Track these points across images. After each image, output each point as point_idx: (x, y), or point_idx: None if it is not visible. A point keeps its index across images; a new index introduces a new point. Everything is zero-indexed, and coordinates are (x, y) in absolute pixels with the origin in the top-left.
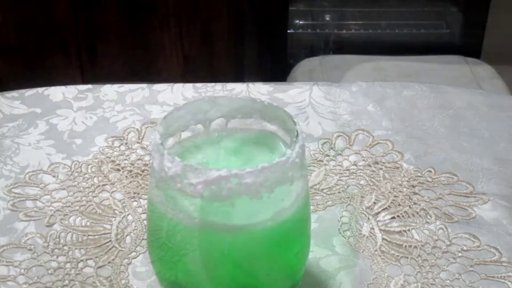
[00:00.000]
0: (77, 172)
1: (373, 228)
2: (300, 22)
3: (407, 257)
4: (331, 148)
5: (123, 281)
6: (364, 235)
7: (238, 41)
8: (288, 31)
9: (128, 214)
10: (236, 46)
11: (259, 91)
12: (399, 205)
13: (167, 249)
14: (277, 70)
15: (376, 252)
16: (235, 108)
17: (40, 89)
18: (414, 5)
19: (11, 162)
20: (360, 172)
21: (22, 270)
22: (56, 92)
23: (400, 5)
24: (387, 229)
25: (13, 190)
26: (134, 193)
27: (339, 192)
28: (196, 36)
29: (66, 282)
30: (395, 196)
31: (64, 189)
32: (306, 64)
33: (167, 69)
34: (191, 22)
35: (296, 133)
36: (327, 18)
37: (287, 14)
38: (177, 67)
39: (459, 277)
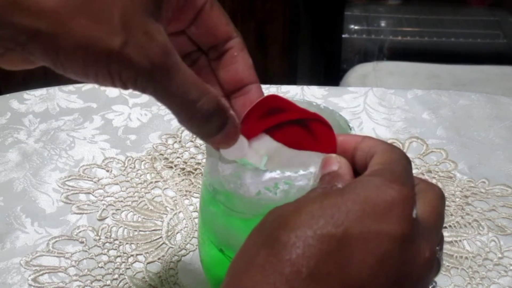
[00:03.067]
0: (130, 167)
1: None
2: (355, 27)
3: (458, 268)
4: None
5: (172, 278)
6: None
7: (292, 44)
8: (343, 35)
9: (179, 212)
10: (290, 49)
11: (314, 94)
12: (451, 215)
13: (218, 248)
14: (330, 74)
15: None
16: None
17: (96, 84)
18: (471, 14)
19: (66, 155)
20: None
21: (73, 262)
22: (112, 88)
23: (457, 13)
24: None
25: (67, 183)
26: (186, 191)
27: None
28: (250, 37)
29: (116, 276)
30: (447, 206)
31: (117, 184)
32: (360, 69)
33: None
34: (246, 23)
35: None
36: (383, 24)
37: (342, 18)
38: None
39: None
